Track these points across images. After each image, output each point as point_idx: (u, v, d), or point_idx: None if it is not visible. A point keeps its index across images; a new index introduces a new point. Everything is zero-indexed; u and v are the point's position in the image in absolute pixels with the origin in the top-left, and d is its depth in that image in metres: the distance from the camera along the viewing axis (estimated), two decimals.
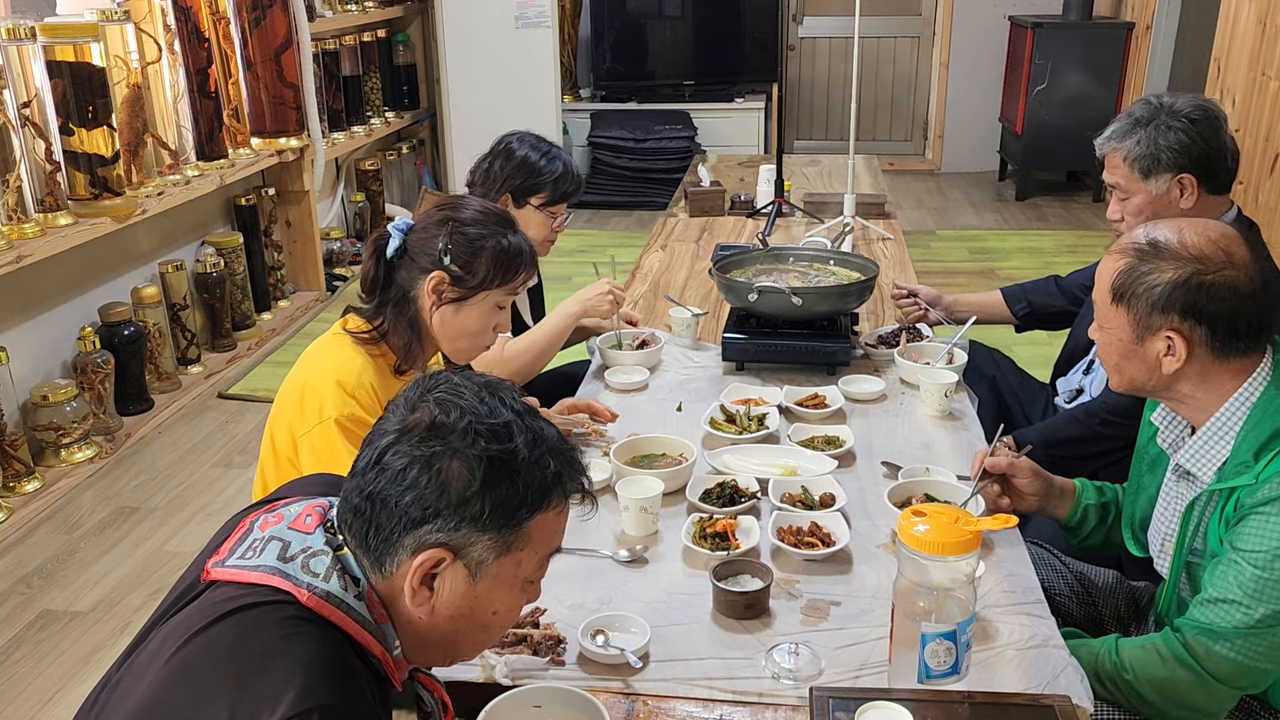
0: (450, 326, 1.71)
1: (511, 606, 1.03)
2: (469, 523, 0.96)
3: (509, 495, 0.97)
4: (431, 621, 1.01)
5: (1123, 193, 2.00)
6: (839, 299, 2.22)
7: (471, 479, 0.96)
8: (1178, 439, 1.49)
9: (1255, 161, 4.08)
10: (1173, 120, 1.92)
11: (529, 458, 0.98)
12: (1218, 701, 1.35)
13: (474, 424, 0.98)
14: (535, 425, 1.01)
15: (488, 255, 1.69)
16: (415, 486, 0.96)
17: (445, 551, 0.97)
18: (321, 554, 0.99)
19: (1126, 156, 1.95)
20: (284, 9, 4.25)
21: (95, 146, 3.14)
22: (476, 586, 0.99)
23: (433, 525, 0.96)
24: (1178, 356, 1.37)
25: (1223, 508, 1.36)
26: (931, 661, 1.21)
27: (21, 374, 3.13)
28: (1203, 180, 1.93)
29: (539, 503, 0.99)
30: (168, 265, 3.78)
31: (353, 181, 5.52)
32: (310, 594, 0.96)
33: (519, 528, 0.98)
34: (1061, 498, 1.67)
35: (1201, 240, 1.36)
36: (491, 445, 0.97)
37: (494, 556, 0.98)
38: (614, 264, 2.53)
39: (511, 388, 1.05)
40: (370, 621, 0.99)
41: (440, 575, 0.98)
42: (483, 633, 1.04)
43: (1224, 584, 1.32)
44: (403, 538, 0.97)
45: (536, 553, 1.01)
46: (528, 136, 2.38)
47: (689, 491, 1.70)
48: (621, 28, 6.59)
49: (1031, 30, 6.00)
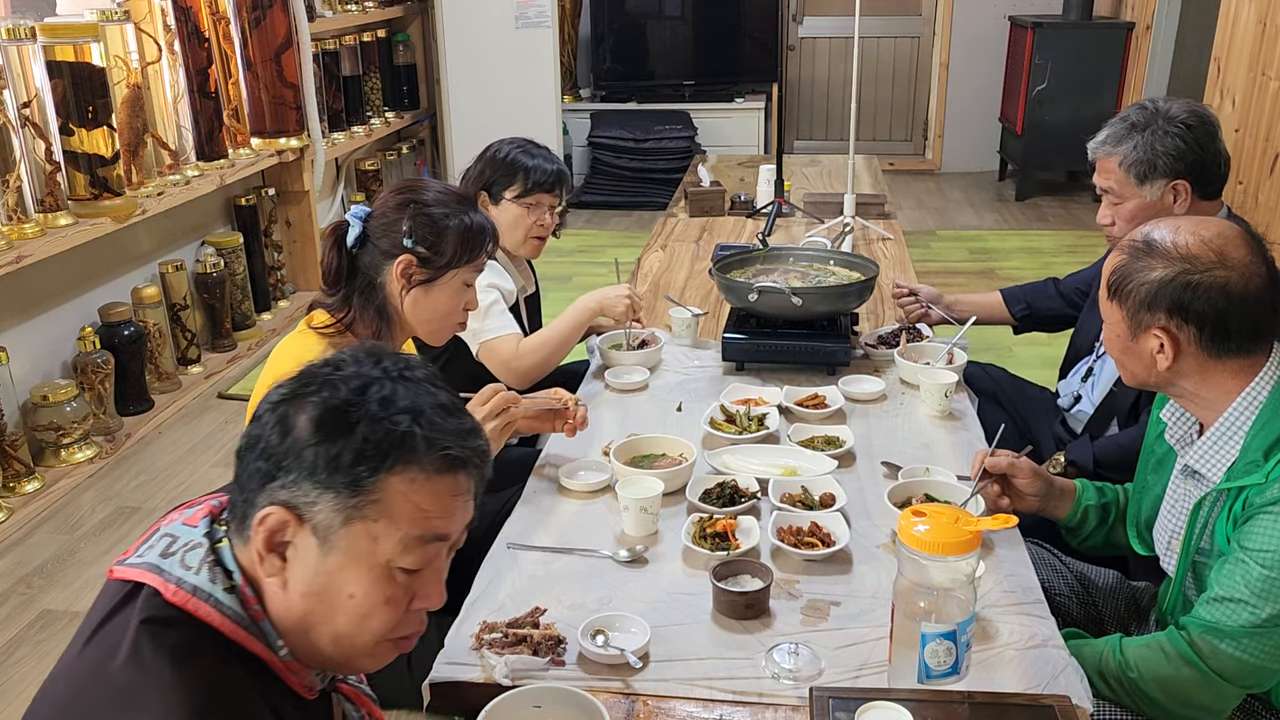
0: (422, 309, 1.70)
1: (371, 594, 0.93)
2: (306, 476, 0.90)
3: (344, 448, 0.90)
4: (287, 600, 0.93)
5: (1116, 197, 2.00)
6: (839, 299, 2.22)
7: (309, 429, 0.91)
8: (1186, 436, 1.49)
9: (1255, 161, 4.08)
10: (1169, 126, 1.92)
11: (374, 412, 0.91)
12: (1223, 700, 1.35)
13: (331, 376, 0.93)
14: (402, 388, 0.94)
15: (453, 234, 1.68)
16: (263, 438, 0.92)
17: (287, 512, 0.91)
18: (198, 547, 0.95)
19: (1122, 161, 1.96)
20: (284, 9, 4.25)
21: (95, 147, 3.14)
22: (327, 559, 0.91)
23: (279, 481, 0.91)
24: (1167, 355, 1.38)
25: (1230, 507, 1.36)
26: (931, 661, 1.21)
27: (21, 374, 3.13)
28: (1196, 186, 1.94)
29: (379, 462, 0.90)
30: (168, 265, 3.78)
31: (353, 182, 5.52)
32: (177, 589, 0.91)
33: (361, 489, 0.90)
34: (1062, 498, 1.67)
35: (1194, 240, 1.36)
36: (335, 395, 0.92)
37: (340, 522, 0.90)
38: (618, 267, 2.53)
39: (409, 359, 0.99)
40: (243, 616, 0.93)
41: (292, 544, 0.92)
42: (345, 619, 0.93)
43: (1231, 583, 1.32)
44: (256, 496, 0.92)
45: (398, 529, 0.91)
46: (515, 139, 2.38)
47: (689, 491, 1.70)
48: (621, 28, 6.59)
49: (1031, 30, 6.00)
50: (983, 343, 3.95)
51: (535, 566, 1.57)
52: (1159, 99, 2.00)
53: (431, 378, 0.98)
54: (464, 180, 2.37)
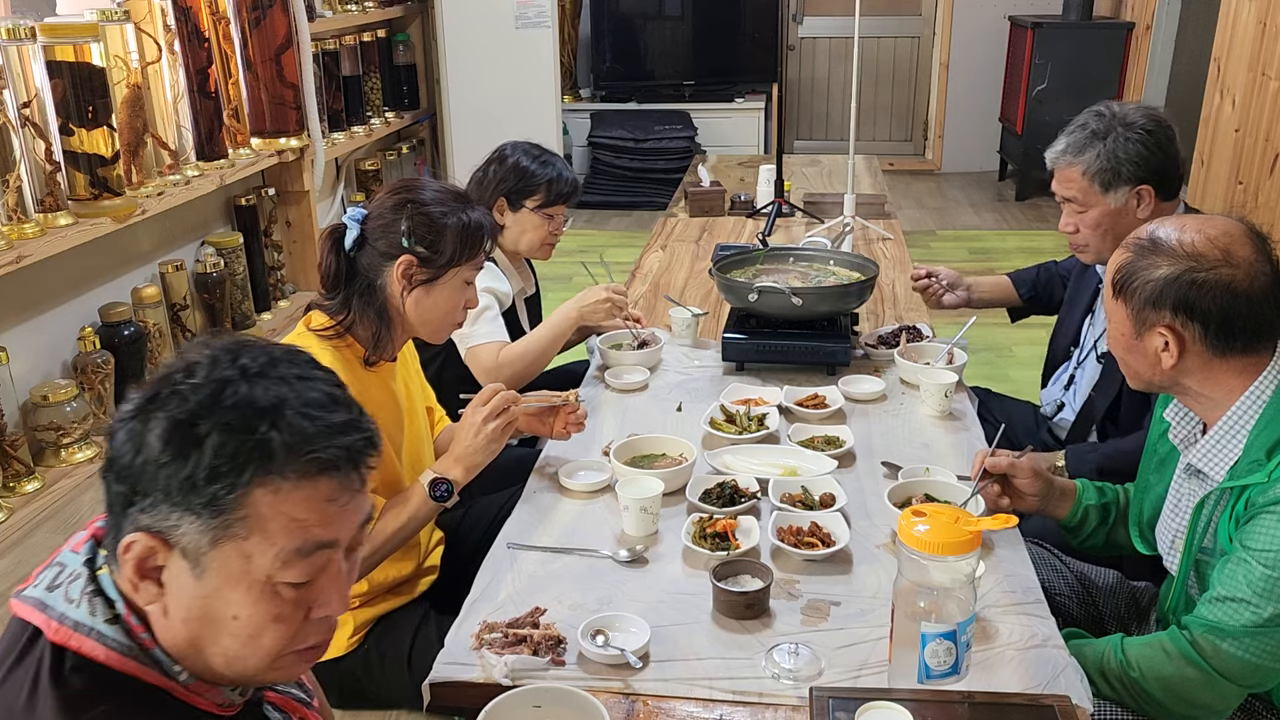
0: (424, 308, 1.70)
1: (255, 614, 0.86)
2: (163, 499, 0.83)
3: (196, 466, 0.82)
4: (170, 625, 0.87)
5: (1079, 206, 2.00)
6: (839, 299, 2.22)
7: (158, 447, 0.83)
8: (1189, 436, 1.49)
9: (1256, 161, 4.08)
10: (1130, 133, 1.93)
11: (226, 421, 0.83)
12: (1224, 699, 1.35)
13: (181, 384, 0.85)
14: (261, 387, 0.85)
15: (451, 233, 1.68)
16: (121, 457, 0.85)
17: (151, 537, 0.84)
18: (79, 577, 0.89)
19: (1086, 170, 1.96)
20: (284, 9, 4.25)
21: (95, 147, 3.14)
22: (203, 583, 0.85)
23: (139, 505, 0.85)
24: (1172, 353, 1.38)
25: (1233, 506, 1.36)
26: (931, 662, 1.21)
27: (21, 374, 3.13)
28: (1159, 190, 1.95)
29: (236, 478, 0.83)
30: (168, 265, 3.78)
31: (353, 182, 5.51)
32: (59, 625, 0.86)
33: (222, 507, 0.83)
34: (1062, 498, 1.67)
35: (1199, 238, 1.36)
36: (183, 406, 0.84)
37: (208, 543, 0.84)
38: (606, 265, 2.53)
39: (279, 349, 0.91)
40: (131, 647, 0.87)
41: (166, 569, 0.86)
42: (232, 641, 0.87)
43: (1233, 582, 1.32)
44: (121, 521, 0.86)
45: (272, 545, 0.85)
46: (522, 144, 2.41)
47: (689, 492, 1.70)
48: (621, 28, 6.59)
49: (1031, 30, 6.00)
50: (982, 342, 3.95)
51: (535, 566, 1.57)
52: (1112, 104, 2.00)
53: (304, 367, 0.89)
54: (475, 183, 2.37)
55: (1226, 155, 4.36)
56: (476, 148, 2.45)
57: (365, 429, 0.90)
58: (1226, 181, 4.33)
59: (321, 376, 0.90)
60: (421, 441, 1.86)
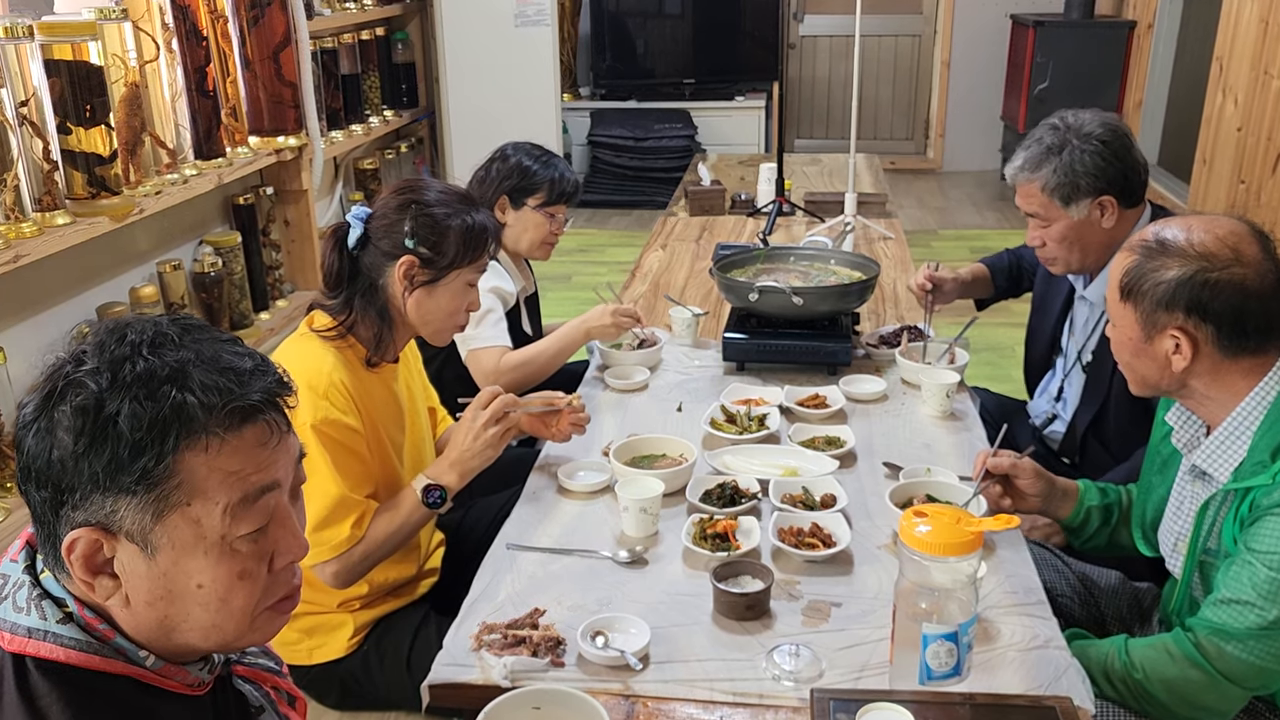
0: (425, 309, 1.69)
1: (219, 576, 0.86)
2: (94, 490, 0.82)
3: (116, 448, 0.81)
4: (134, 613, 0.86)
5: (1042, 221, 1.99)
6: (840, 299, 2.21)
7: (70, 439, 0.82)
8: (1193, 439, 1.48)
9: (1258, 161, 4.07)
10: (1086, 144, 1.91)
11: (134, 396, 0.82)
12: (1228, 701, 1.34)
13: (75, 373, 0.83)
14: (158, 357, 0.84)
15: (455, 234, 1.67)
16: (36, 461, 0.84)
17: (93, 531, 0.83)
18: (23, 584, 0.87)
19: (1044, 186, 1.94)
20: (282, 7, 4.24)
21: (93, 145, 3.13)
22: (158, 561, 0.84)
23: (69, 503, 0.83)
24: (1184, 355, 1.36)
25: (1237, 507, 1.35)
26: (933, 663, 1.20)
27: (19, 374, 3.12)
28: (1121, 198, 1.94)
29: (161, 446, 0.82)
30: (166, 265, 3.77)
31: (351, 180, 5.51)
32: (12, 635, 0.84)
33: (155, 481, 0.82)
34: (1064, 499, 1.67)
35: (1208, 238, 1.35)
36: (84, 393, 0.82)
37: (151, 520, 0.83)
38: (612, 287, 2.56)
39: (161, 319, 0.89)
40: (89, 642, 0.86)
41: (116, 559, 0.85)
42: (204, 610, 0.87)
43: (1238, 585, 1.31)
44: (55, 527, 0.84)
45: (215, 503, 0.84)
46: (524, 145, 2.42)
47: (689, 492, 1.69)
48: (621, 26, 6.58)
49: (1033, 29, 5.99)
50: (982, 342, 3.94)
51: (535, 567, 1.56)
52: (1068, 114, 1.98)
53: (194, 331, 0.88)
54: (476, 181, 2.37)
55: (1229, 154, 4.35)
56: (476, 146, 2.46)
57: (273, 370, 0.91)
58: (1229, 181, 4.33)
59: (215, 333, 0.90)
60: (423, 443, 1.85)
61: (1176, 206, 5.12)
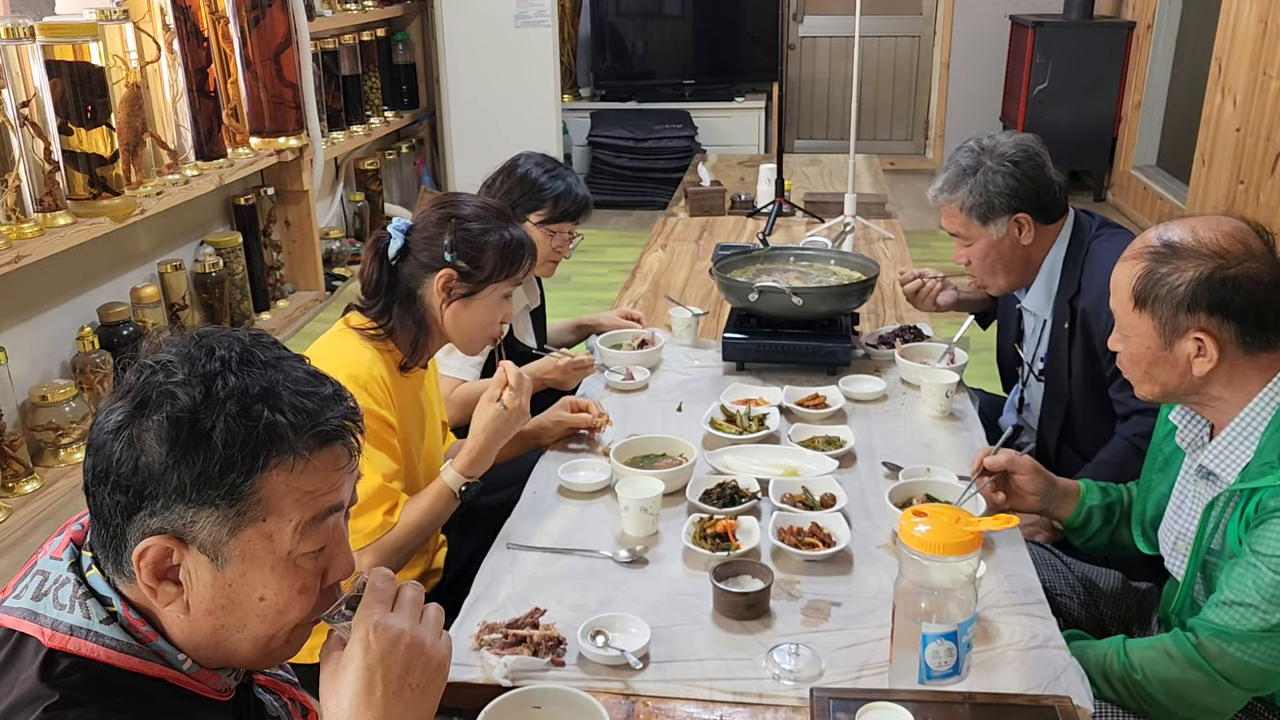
0: (461, 321, 1.74)
1: (282, 590, 0.89)
2: (179, 500, 0.84)
3: (207, 462, 0.83)
4: (191, 620, 0.88)
5: (965, 240, 2.07)
6: (839, 299, 2.21)
7: (162, 450, 0.83)
8: (1197, 439, 1.48)
9: (1256, 161, 4.07)
10: (998, 165, 1.99)
11: (228, 413, 0.84)
12: (1228, 702, 1.34)
13: (166, 383, 0.85)
14: (248, 374, 0.86)
15: (492, 249, 1.72)
16: (120, 466, 0.85)
17: (168, 540, 0.85)
18: (67, 582, 0.88)
19: (962, 206, 2.02)
20: (283, 8, 4.24)
21: (94, 146, 3.13)
22: (225, 572, 0.87)
23: (146, 510, 0.85)
24: (1209, 357, 1.35)
25: (1243, 508, 1.34)
26: (932, 662, 1.20)
27: (20, 374, 3.13)
28: (1036, 215, 2.01)
29: (252, 464, 0.84)
30: (167, 265, 3.78)
31: (352, 181, 5.51)
32: (54, 632, 0.86)
33: (240, 496, 0.85)
34: (1065, 498, 1.66)
35: (1218, 235, 1.34)
36: (178, 405, 0.84)
37: (227, 533, 0.85)
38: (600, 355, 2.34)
39: (245, 337, 0.91)
40: (131, 643, 0.87)
41: (182, 567, 0.87)
42: (261, 622, 0.90)
43: (1241, 587, 1.30)
44: (126, 530, 0.86)
45: (289, 520, 0.87)
46: (535, 155, 2.36)
47: (689, 492, 1.70)
48: (621, 27, 6.59)
49: (1032, 29, 6.00)
50: (982, 342, 3.94)
51: (535, 567, 1.57)
52: (984, 137, 2.06)
53: (275, 349, 0.91)
54: (487, 191, 2.34)
55: (1227, 155, 4.35)
56: (476, 147, 2.44)
57: (348, 396, 0.94)
58: (1228, 181, 4.33)
59: (294, 355, 0.93)
60: (436, 452, 1.89)
61: (1175, 208, 5.12)
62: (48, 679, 0.84)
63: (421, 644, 0.90)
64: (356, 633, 0.89)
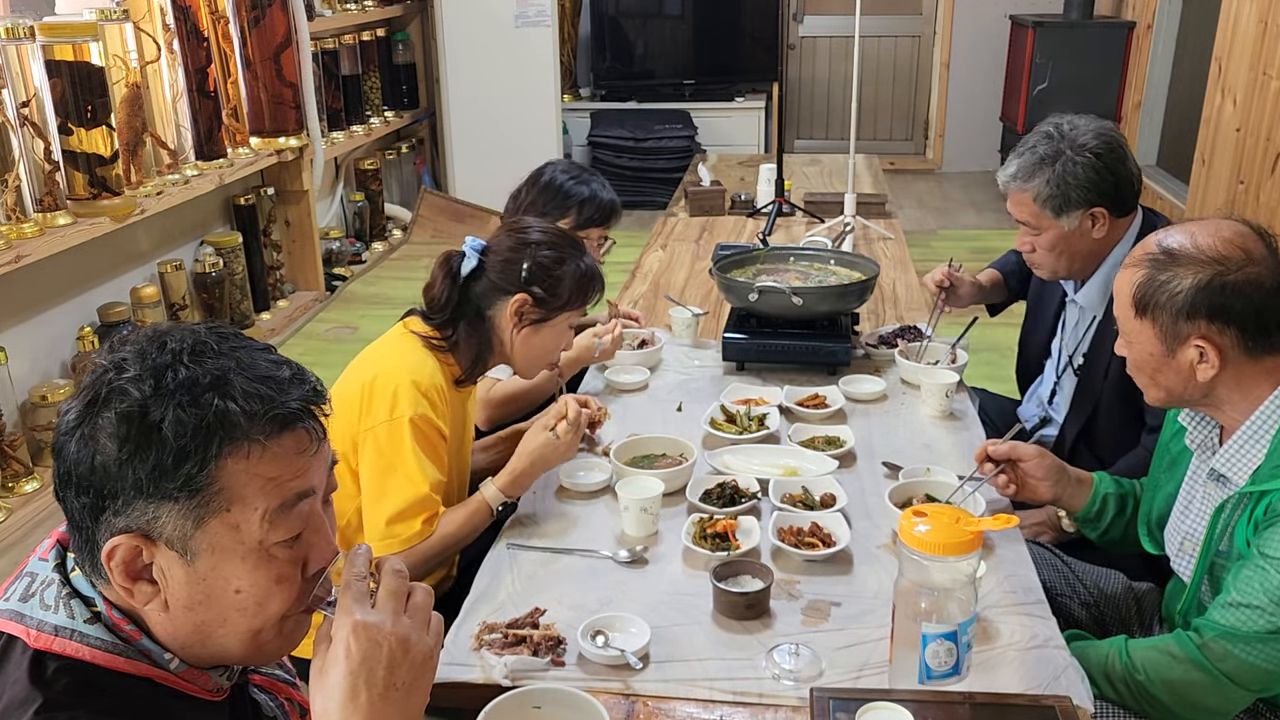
0: (531, 346, 1.76)
1: (257, 581, 0.87)
2: (138, 496, 0.83)
3: (160, 455, 0.82)
4: (172, 618, 0.88)
5: (1033, 229, 1.98)
6: (839, 299, 2.21)
7: (115, 446, 0.82)
8: (1207, 441, 1.48)
9: (1256, 161, 4.07)
10: (1079, 156, 1.88)
11: (178, 403, 0.82)
12: (1231, 703, 1.33)
13: (117, 380, 0.84)
14: (199, 365, 0.85)
15: (569, 278, 1.75)
16: (78, 467, 0.84)
17: (134, 538, 0.84)
18: (52, 582, 0.88)
19: (1036, 197, 1.93)
20: (283, 8, 4.24)
21: (94, 146, 3.13)
22: (197, 567, 0.85)
23: (110, 509, 0.84)
24: (1211, 363, 1.35)
25: (1252, 510, 1.34)
26: (932, 662, 1.20)
27: (20, 374, 3.13)
28: (1112, 209, 1.92)
29: (205, 453, 0.83)
30: (167, 265, 3.78)
31: (352, 181, 5.51)
32: (38, 633, 0.85)
33: (198, 488, 0.83)
34: (1079, 486, 1.64)
35: (1217, 241, 1.34)
36: (128, 400, 0.83)
37: (193, 528, 0.84)
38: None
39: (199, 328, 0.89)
40: (115, 643, 0.87)
41: (155, 565, 0.86)
42: (242, 615, 0.88)
43: (1249, 589, 1.30)
44: (94, 533, 0.85)
45: (254, 509, 0.85)
46: (562, 163, 2.36)
47: (689, 492, 1.70)
48: (621, 27, 6.59)
49: (1032, 29, 6.00)
50: (982, 342, 3.94)
51: (535, 567, 1.57)
52: (1064, 121, 1.95)
53: (233, 339, 0.89)
54: (511, 200, 2.31)
55: (1227, 155, 4.35)
56: (476, 147, 2.43)
57: (310, 379, 0.91)
58: (1228, 181, 4.33)
59: (252, 341, 0.91)
60: (466, 469, 1.90)
61: (1175, 208, 5.12)
62: (38, 682, 0.84)
63: (405, 640, 0.87)
64: (338, 633, 0.87)
